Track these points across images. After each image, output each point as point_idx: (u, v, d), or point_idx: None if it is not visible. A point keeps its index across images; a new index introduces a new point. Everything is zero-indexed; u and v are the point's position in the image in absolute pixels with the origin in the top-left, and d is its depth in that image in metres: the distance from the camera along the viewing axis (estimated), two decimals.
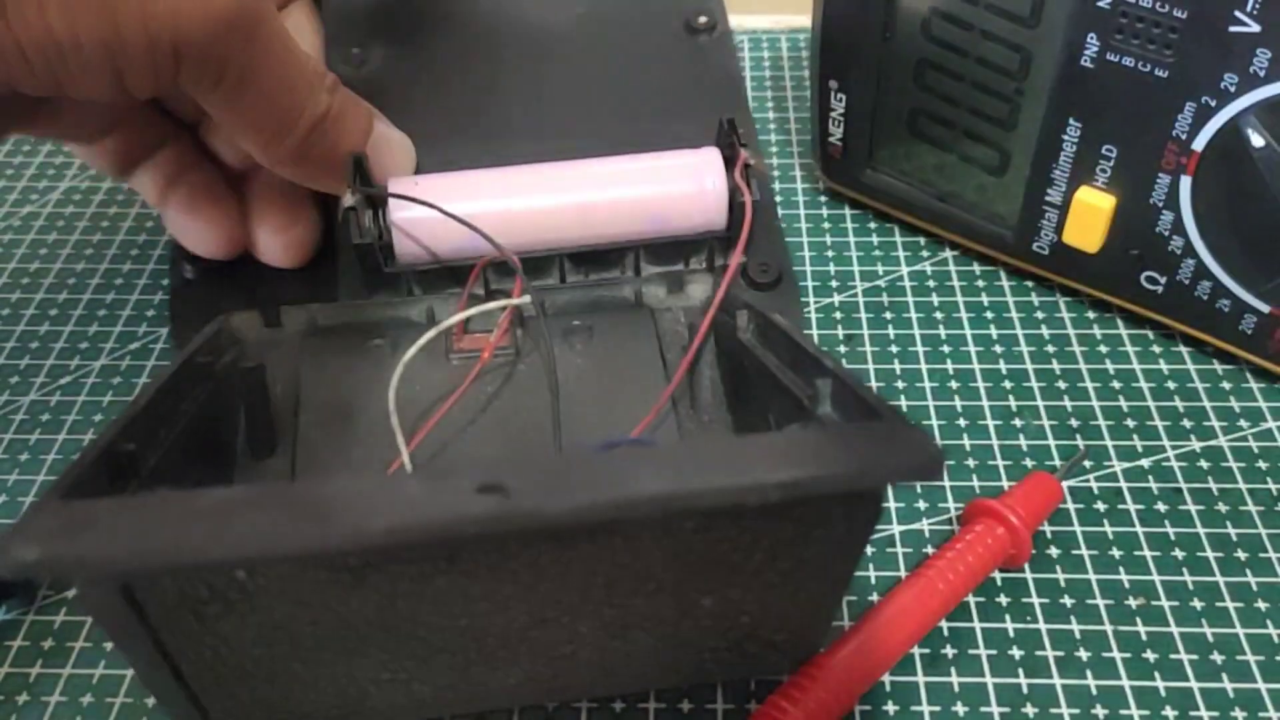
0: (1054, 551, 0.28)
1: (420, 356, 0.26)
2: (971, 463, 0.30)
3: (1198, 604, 0.27)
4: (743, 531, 0.18)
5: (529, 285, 0.27)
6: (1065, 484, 0.30)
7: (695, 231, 0.31)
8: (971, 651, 0.26)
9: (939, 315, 0.35)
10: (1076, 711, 0.25)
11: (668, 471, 0.16)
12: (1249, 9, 0.26)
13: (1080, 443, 0.31)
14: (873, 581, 0.28)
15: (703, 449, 0.17)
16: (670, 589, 0.19)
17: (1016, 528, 0.27)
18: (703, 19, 0.37)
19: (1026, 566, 0.28)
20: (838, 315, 0.35)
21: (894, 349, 0.34)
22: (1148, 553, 0.28)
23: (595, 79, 0.35)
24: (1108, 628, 0.27)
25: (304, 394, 0.29)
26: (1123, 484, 0.30)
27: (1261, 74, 0.27)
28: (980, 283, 0.36)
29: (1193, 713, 0.25)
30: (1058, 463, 0.30)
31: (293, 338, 0.30)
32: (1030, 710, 0.25)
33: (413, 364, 0.26)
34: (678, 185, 0.31)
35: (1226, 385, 0.32)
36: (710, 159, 0.31)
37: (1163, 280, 0.32)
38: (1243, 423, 0.31)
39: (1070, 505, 0.29)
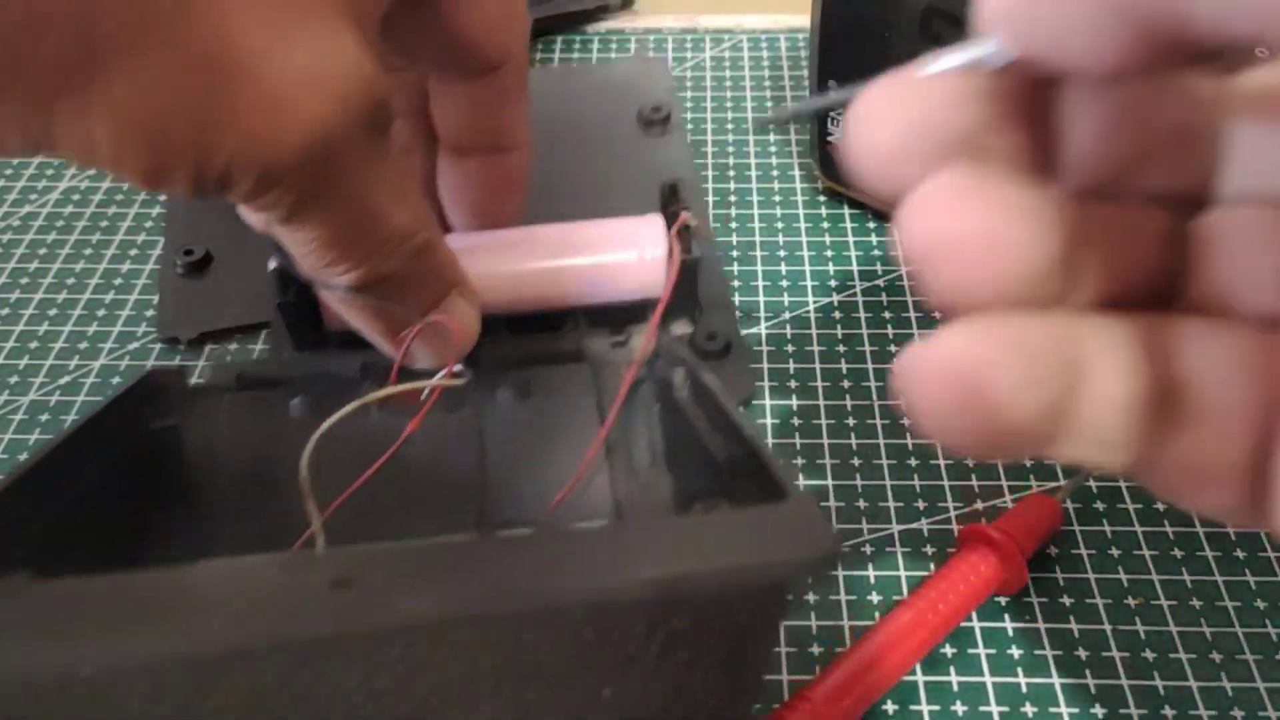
0: (1053, 551, 0.28)
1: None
2: (971, 461, 0.31)
3: (1196, 603, 0.27)
4: (634, 622, 0.17)
5: (464, 369, 0.26)
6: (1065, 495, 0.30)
7: (635, 298, 0.31)
8: (971, 651, 0.26)
9: (939, 314, 0.35)
10: (1075, 711, 0.25)
11: (536, 565, 0.15)
12: None
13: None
14: (872, 581, 0.28)
15: (579, 539, 0.16)
16: (564, 680, 0.18)
17: (1011, 557, 0.26)
18: (656, 110, 0.38)
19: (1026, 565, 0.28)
20: (837, 315, 0.35)
21: (893, 348, 0.34)
22: (1146, 552, 0.28)
23: (552, 168, 0.36)
24: (1107, 627, 0.27)
25: (223, 454, 0.27)
26: (1122, 483, 0.30)
27: None
28: None
29: (1191, 711, 0.25)
30: (1058, 464, 0.30)
31: (218, 393, 0.29)
32: (1029, 709, 0.25)
33: (333, 424, 0.24)
34: (617, 253, 0.30)
35: None
36: (653, 225, 0.31)
37: None
38: None
39: (1070, 505, 0.29)
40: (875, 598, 0.27)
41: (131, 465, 0.26)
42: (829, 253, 0.37)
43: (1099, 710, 0.25)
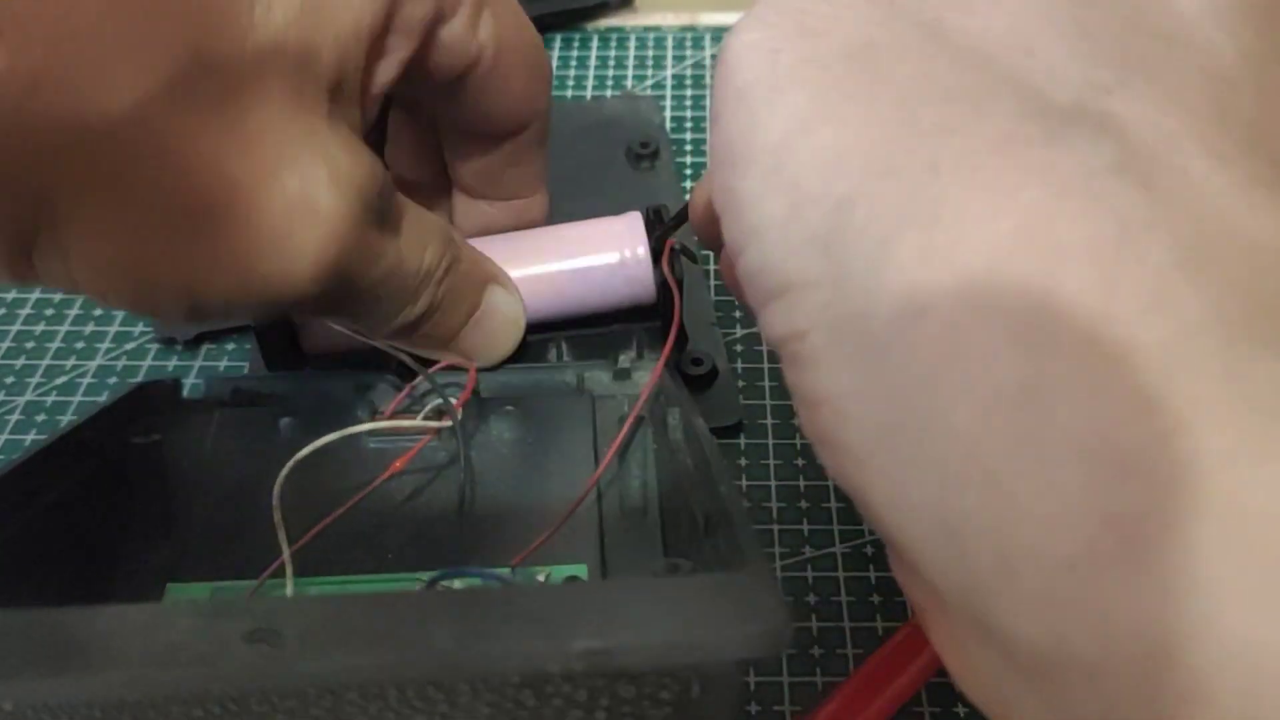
0: None
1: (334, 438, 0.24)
2: None
3: None
4: (576, 688, 0.16)
5: (453, 412, 0.25)
6: None
7: (622, 304, 0.30)
8: None
9: None
10: None
11: (466, 625, 0.14)
12: None
13: None
14: (873, 582, 0.28)
15: (518, 598, 0.15)
16: None
17: None
18: (644, 145, 0.38)
19: None
20: None
21: None
22: None
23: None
24: None
25: (205, 472, 0.27)
26: None
27: None
28: None
29: None
30: None
31: (209, 408, 0.28)
32: None
33: (325, 448, 0.24)
34: (598, 256, 0.29)
35: None
36: (632, 225, 0.29)
37: None
38: None
39: None
40: (876, 599, 0.27)
41: (110, 479, 0.25)
42: None
43: None
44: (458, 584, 0.23)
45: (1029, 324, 0.13)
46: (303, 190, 0.20)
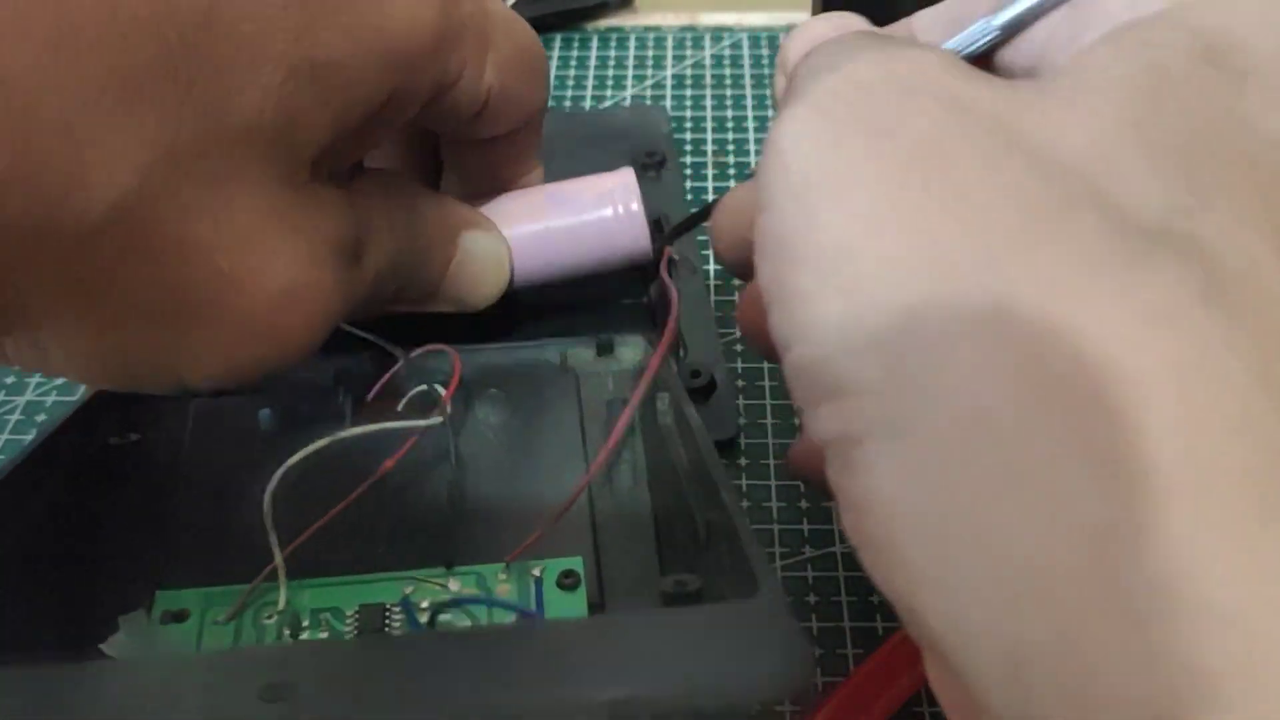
0: None
1: (318, 427, 0.23)
2: None
3: None
4: None
5: (444, 408, 0.25)
6: None
7: (616, 258, 0.29)
8: None
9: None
10: None
11: (485, 676, 0.14)
12: None
13: None
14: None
15: (539, 643, 0.15)
16: None
17: None
18: (650, 155, 0.38)
19: None
20: None
21: None
22: None
23: None
24: None
25: (187, 471, 0.26)
26: None
27: None
28: None
29: None
30: None
31: (183, 401, 0.27)
32: None
33: (306, 438, 0.23)
34: (592, 210, 0.28)
35: None
36: (624, 180, 0.28)
37: None
38: None
39: None
40: (876, 599, 0.27)
41: (92, 485, 0.25)
42: None
43: None
44: (462, 610, 0.23)
45: (1111, 459, 0.12)
46: (290, 272, 0.19)
